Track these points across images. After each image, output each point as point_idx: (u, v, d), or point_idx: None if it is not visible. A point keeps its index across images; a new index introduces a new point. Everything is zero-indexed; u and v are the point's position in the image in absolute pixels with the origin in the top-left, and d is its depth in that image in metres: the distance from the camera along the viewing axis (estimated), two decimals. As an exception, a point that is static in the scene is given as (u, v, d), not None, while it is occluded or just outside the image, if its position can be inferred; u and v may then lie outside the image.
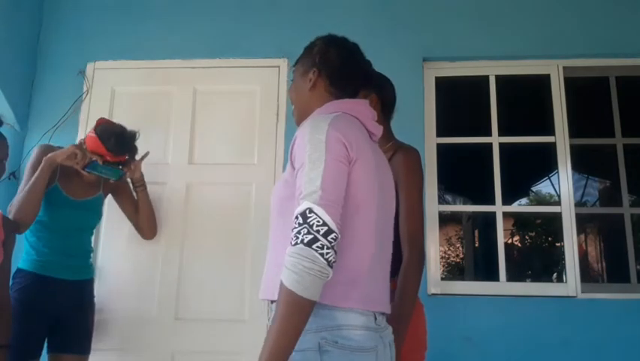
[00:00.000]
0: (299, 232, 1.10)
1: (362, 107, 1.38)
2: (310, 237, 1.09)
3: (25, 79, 2.92)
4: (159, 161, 2.72)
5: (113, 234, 2.66)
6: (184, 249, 2.67)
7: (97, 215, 2.39)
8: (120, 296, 2.56)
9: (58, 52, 2.99)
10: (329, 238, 1.09)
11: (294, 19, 2.87)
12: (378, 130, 1.41)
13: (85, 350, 2.26)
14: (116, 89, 2.88)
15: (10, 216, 2.04)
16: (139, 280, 2.64)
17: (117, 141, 2.21)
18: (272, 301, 1.23)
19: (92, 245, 2.41)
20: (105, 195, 2.44)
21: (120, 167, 2.27)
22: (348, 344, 1.16)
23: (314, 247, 1.08)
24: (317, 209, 1.11)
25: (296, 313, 1.09)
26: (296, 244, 1.10)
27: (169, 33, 2.94)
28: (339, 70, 1.41)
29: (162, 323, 2.59)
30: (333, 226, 1.11)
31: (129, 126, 2.60)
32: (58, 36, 3.03)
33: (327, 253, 1.09)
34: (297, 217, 1.13)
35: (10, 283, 2.14)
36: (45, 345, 2.20)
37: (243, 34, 2.88)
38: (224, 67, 2.85)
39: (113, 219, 2.66)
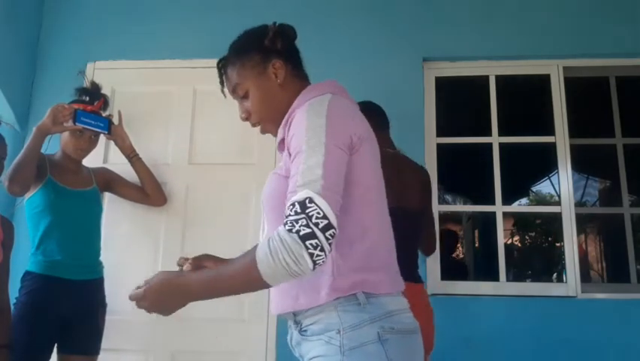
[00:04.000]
0: (296, 221, 1.00)
1: (341, 86, 1.27)
2: (307, 231, 0.98)
3: (25, 79, 2.92)
4: (159, 161, 2.72)
5: (112, 234, 2.66)
6: (184, 249, 2.67)
7: (97, 205, 2.41)
8: (120, 296, 2.55)
9: (58, 52, 2.99)
10: (327, 233, 0.99)
11: (294, 19, 2.85)
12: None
13: (95, 350, 2.26)
14: (116, 89, 2.87)
15: (5, 183, 2.06)
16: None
17: (84, 88, 2.39)
18: (294, 314, 1.17)
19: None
20: (101, 190, 2.44)
21: (104, 115, 2.35)
22: (404, 328, 1.12)
23: (307, 243, 0.98)
24: (318, 199, 1.01)
25: (246, 287, 1.08)
26: (290, 231, 0.99)
27: (169, 33, 2.94)
28: (294, 50, 1.33)
29: (162, 322, 2.58)
30: (333, 220, 1.00)
31: (129, 127, 2.62)
32: (58, 36, 3.03)
33: (318, 256, 0.99)
34: (293, 205, 1.01)
35: (19, 286, 2.15)
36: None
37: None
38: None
39: (112, 220, 2.66)
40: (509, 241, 8.53)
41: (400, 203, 1.91)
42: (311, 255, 0.98)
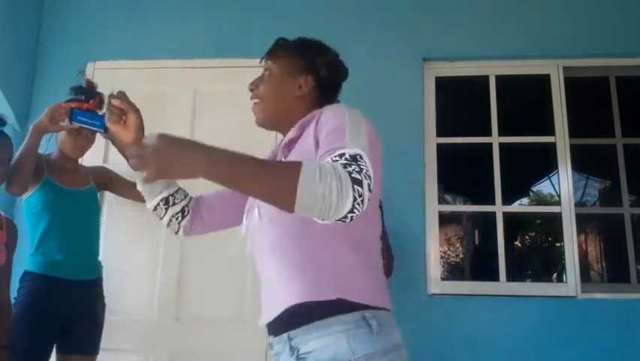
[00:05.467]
0: (349, 165, 0.93)
1: None
2: (358, 177, 0.91)
3: (25, 79, 2.92)
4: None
5: (112, 235, 2.66)
6: (184, 249, 2.67)
7: (95, 204, 2.40)
8: (120, 296, 2.56)
9: (58, 52, 2.99)
10: (369, 190, 0.92)
11: (294, 19, 2.87)
12: None
13: (94, 350, 2.26)
14: (116, 89, 2.86)
15: (3, 184, 2.05)
16: (139, 281, 2.64)
17: (80, 87, 2.33)
18: (289, 338, 1.09)
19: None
20: (98, 189, 2.44)
21: (100, 113, 2.35)
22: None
23: (356, 187, 0.90)
24: (367, 160, 0.96)
25: (269, 187, 0.95)
26: (345, 167, 0.92)
27: (169, 33, 2.94)
28: (333, 85, 1.33)
29: (162, 323, 2.59)
30: (372, 184, 0.94)
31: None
32: (58, 36, 3.03)
33: (358, 206, 0.90)
34: (342, 155, 0.96)
35: (18, 286, 2.14)
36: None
37: (242, 34, 2.88)
38: (224, 67, 2.85)
39: (112, 220, 2.66)
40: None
41: None
42: (354, 198, 0.90)
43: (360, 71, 2.74)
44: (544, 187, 7.74)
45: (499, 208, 2.77)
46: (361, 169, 0.93)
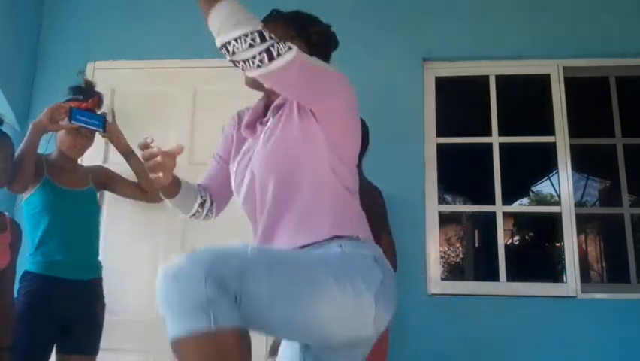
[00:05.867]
0: (278, 45, 1.13)
1: None
2: (266, 36, 1.13)
3: (25, 79, 2.92)
4: (159, 161, 2.72)
5: (112, 234, 2.66)
6: (184, 248, 2.67)
7: (94, 204, 2.40)
8: (120, 297, 2.56)
9: (58, 52, 2.99)
10: (262, 55, 1.11)
11: (294, 19, 2.87)
12: None
13: (94, 350, 2.26)
14: (116, 89, 2.87)
15: (5, 182, 2.07)
16: (139, 281, 2.64)
17: (78, 87, 2.38)
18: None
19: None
20: (98, 188, 2.44)
21: (98, 112, 2.35)
22: (392, 275, 1.22)
23: (255, 34, 1.13)
24: (292, 52, 1.13)
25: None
26: (267, 41, 1.13)
27: (169, 33, 2.94)
28: (324, 54, 1.41)
29: (162, 323, 2.59)
30: (274, 65, 1.12)
31: (129, 127, 2.62)
32: (58, 36, 3.03)
33: (241, 42, 1.13)
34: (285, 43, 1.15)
35: (18, 286, 2.14)
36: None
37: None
38: (224, 67, 2.83)
39: (112, 220, 2.66)
40: (509, 241, 8.54)
41: None
42: (245, 34, 1.13)
43: (360, 71, 2.76)
44: (544, 187, 7.75)
45: (499, 208, 2.77)
46: (277, 43, 1.12)
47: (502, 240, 2.77)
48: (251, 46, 1.10)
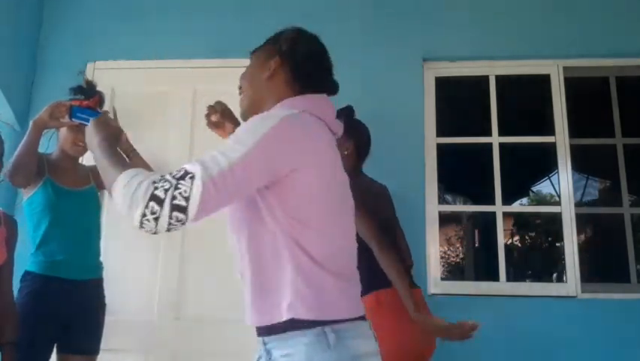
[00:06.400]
0: (165, 181, 1.00)
1: (325, 104, 1.27)
2: (161, 196, 0.98)
3: (25, 79, 2.92)
4: (159, 161, 2.71)
5: (112, 235, 2.66)
6: (184, 249, 2.67)
7: (95, 204, 2.40)
8: (120, 297, 2.56)
9: (58, 52, 2.99)
10: (174, 213, 0.98)
11: (294, 19, 2.86)
12: (340, 129, 1.31)
13: (94, 350, 2.25)
14: (116, 89, 2.87)
15: (8, 176, 2.08)
16: (139, 281, 2.64)
17: (79, 87, 2.36)
18: (264, 342, 1.17)
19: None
20: (99, 188, 2.44)
21: (99, 110, 2.36)
22: None
23: (151, 203, 0.97)
24: (197, 183, 0.99)
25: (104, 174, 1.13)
26: (154, 182, 1.00)
27: (169, 33, 2.94)
28: (306, 64, 1.29)
29: (162, 323, 2.59)
30: (190, 212, 0.99)
31: (129, 127, 2.61)
32: (58, 36, 3.03)
33: (147, 222, 0.98)
34: (180, 169, 1.02)
35: (19, 286, 2.15)
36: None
37: (243, 34, 2.88)
38: (224, 67, 2.85)
39: (112, 220, 2.66)
40: (509, 241, 8.54)
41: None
42: (143, 214, 0.98)
43: (360, 71, 2.77)
44: (544, 187, 7.75)
45: (499, 208, 2.77)
46: (176, 188, 0.99)
47: (502, 240, 2.78)
48: (157, 219, 0.98)
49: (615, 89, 2.94)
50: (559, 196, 2.80)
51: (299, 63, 1.28)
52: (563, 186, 2.74)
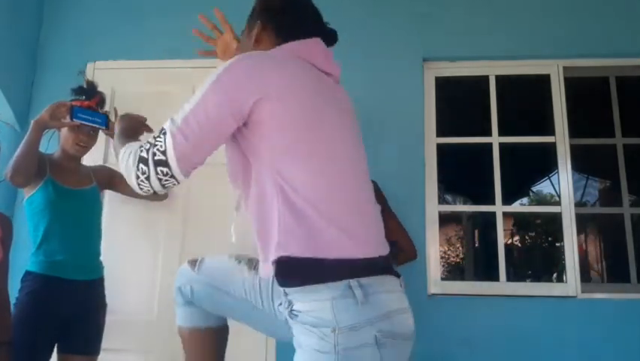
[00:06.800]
0: (149, 143, 1.12)
1: (308, 47, 1.26)
2: (144, 156, 1.12)
3: (25, 79, 2.92)
4: (159, 161, 2.72)
5: (112, 234, 2.66)
6: (184, 249, 2.67)
7: (97, 204, 2.40)
8: (120, 297, 2.56)
9: (58, 52, 2.99)
10: (159, 168, 1.11)
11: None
12: (335, 69, 1.30)
13: (95, 350, 2.25)
14: (116, 89, 2.87)
15: (8, 175, 2.09)
16: (139, 281, 2.64)
17: (80, 88, 2.37)
18: (285, 293, 1.10)
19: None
20: (101, 188, 2.44)
21: (101, 111, 2.35)
22: (402, 333, 1.09)
23: (140, 166, 1.11)
24: (167, 136, 1.10)
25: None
26: (140, 148, 1.13)
27: (169, 33, 2.94)
28: (284, 16, 1.30)
29: (162, 323, 2.59)
30: (170, 161, 1.09)
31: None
32: (58, 36, 3.03)
33: (142, 183, 1.13)
34: (161, 129, 1.13)
35: (19, 286, 2.15)
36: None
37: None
38: (224, 67, 2.85)
39: (112, 220, 2.66)
40: (509, 241, 8.54)
41: None
42: (137, 177, 1.13)
43: (360, 71, 2.77)
44: (544, 187, 7.76)
45: (499, 208, 2.77)
46: (154, 146, 1.11)
47: (502, 240, 2.77)
48: (148, 178, 1.12)
49: (615, 89, 2.94)
50: (559, 196, 2.79)
51: (277, 19, 1.30)
52: (563, 186, 2.74)
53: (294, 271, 1.06)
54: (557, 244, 7.13)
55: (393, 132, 2.66)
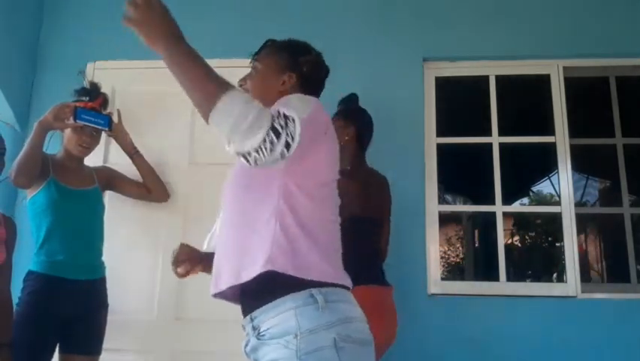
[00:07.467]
0: (279, 118, 1.07)
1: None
2: (279, 129, 1.06)
3: (25, 79, 2.92)
4: (159, 161, 2.72)
5: (113, 234, 2.66)
6: (184, 249, 2.67)
7: (99, 204, 2.41)
8: (120, 297, 2.56)
9: (58, 52, 2.99)
10: (286, 149, 1.07)
11: (294, 20, 2.87)
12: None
13: (96, 350, 2.25)
14: (116, 89, 2.87)
15: (11, 176, 2.10)
16: (139, 281, 2.64)
17: (83, 89, 2.39)
18: (251, 318, 1.20)
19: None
20: (102, 188, 2.45)
21: (104, 113, 2.36)
22: (360, 338, 1.14)
23: (271, 133, 1.05)
24: (298, 125, 1.08)
25: (199, 90, 1.22)
26: (272, 115, 1.07)
27: (169, 33, 2.94)
28: (316, 83, 1.43)
29: (162, 323, 2.59)
30: (294, 146, 1.08)
31: (129, 127, 2.61)
32: (58, 36, 3.03)
33: (263, 148, 1.05)
34: (278, 112, 1.09)
35: (21, 286, 2.15)
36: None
37: (243, 34, 2.88)
38: (224, 67, 2.80)
39: (113, 220, 2.66)
40: (509, 241, 8.54)
41: (366, 213, 2.07)
42: (263, 139, 1.04)
43: (360, 71, 2.77)
44: (544, 187, 7.75)
45: (499, 208, 2.77)
46: (287, 126, 1.06)
47: (502, 240, 2.78)
48: (272, 150, 1.06)
49: (615, 89, 2.94)
50: (559, 196, 2.79)
51: (311, 82, 1.41)
52: (563, 186, 2.74)
53: (275, 286, 1.13)
54: (557, 244, 7.12)
55: (393, 132, 2.65)
